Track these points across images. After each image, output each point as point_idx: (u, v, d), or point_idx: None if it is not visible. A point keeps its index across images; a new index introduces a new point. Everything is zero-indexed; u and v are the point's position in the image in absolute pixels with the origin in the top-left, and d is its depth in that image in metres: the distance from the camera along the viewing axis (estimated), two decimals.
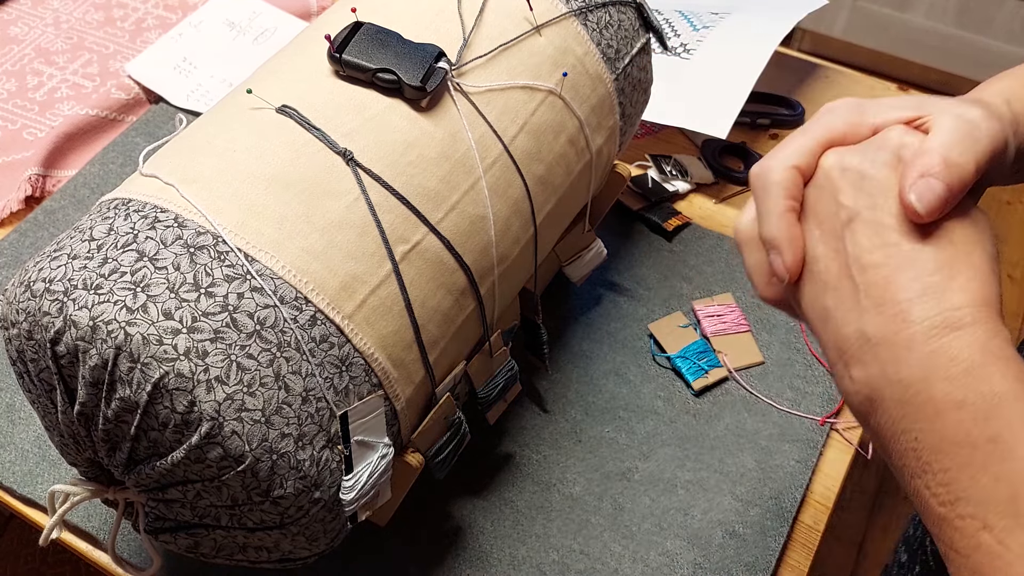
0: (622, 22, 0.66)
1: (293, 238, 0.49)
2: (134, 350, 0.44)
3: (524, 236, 0.60)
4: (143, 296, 0.45)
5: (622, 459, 0.70)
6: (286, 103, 0.54)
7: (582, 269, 0.74)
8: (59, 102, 0.95)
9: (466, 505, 0.67)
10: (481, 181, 0.56)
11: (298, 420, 0.47)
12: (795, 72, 1.03)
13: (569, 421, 0.72)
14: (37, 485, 0.67)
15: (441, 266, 0.54)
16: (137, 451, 0.48)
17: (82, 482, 0.54)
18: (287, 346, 0.47)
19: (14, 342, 0.49)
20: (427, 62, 0.55)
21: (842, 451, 0.71)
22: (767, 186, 0.40)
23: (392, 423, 0.53)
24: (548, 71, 0.61)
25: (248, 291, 0.47)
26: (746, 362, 0.75)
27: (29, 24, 1.03)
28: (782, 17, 0.93)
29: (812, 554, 0.67)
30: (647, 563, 0.64)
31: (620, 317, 0.79)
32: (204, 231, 0.48)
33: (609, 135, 0.67)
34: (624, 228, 0.86)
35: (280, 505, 0.47)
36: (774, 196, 0.39)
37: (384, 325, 0.51)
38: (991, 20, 1.93)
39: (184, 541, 0.52)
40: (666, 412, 0.73)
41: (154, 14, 1.05)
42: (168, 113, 0.94)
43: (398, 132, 0.54)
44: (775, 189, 0.40)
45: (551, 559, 0.65)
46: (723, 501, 0.67)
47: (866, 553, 1.45)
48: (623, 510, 0.67)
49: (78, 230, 0.50)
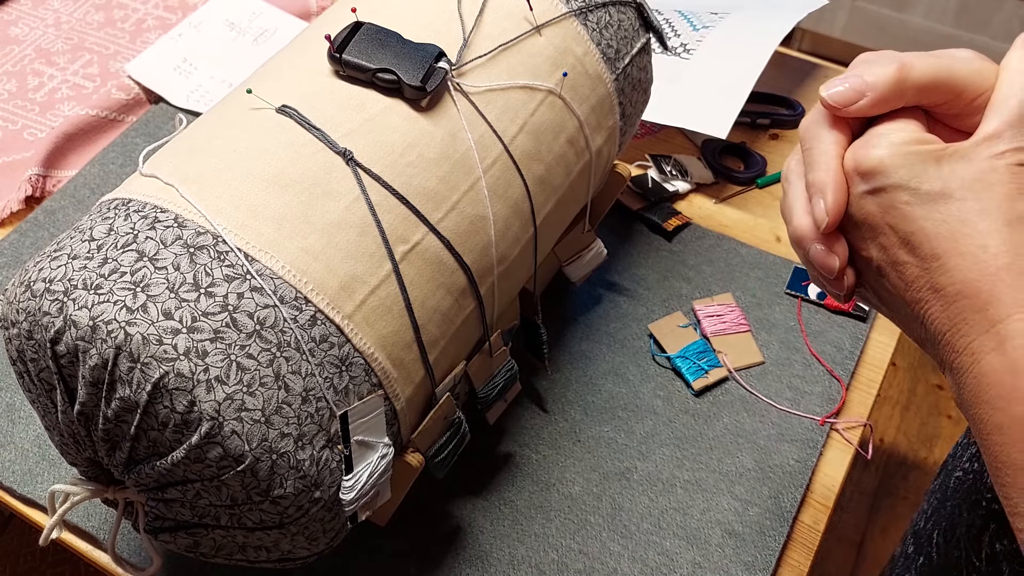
0: (622, 22, 0.66)
1: (293, 238, 0.49)
2: (134, 350, 0.44)
3: (524, 236, 0.60)
4: (143, 296, 0.45)
5: (621, 459, 0.70)
6: (286, 103, 0.54)
7: (582, 269, 0.74)
8: (59, 102, 0.95)
9: (465, 505, 0.67)
10: (481, 181, 0.56)
11: (298, 420, 0.47)
12: (795, 72, 1.03)
13: (568, 421, 0.72)
14: (37, 485, 0.67)
15: (441, 266, 0.54)
16: (137, 451, 0.48)
17: (82, 482, 0.54)
18: (287, 346, 0.47)
19: (14, 342, 0.49)
20: (427, 62, 0.55)
21: (842, 451, 0.71)
22: (819, 135, 0.41)
23: (392, 423, 0.53)
24: (548, 71, 0.61)
25: (248, 291, 0.47)
26: (746, 362, 0.75)
27: (30, 25, 1.03)
28: (782, 17, 0.93)
29: (812, 554, 0.67)
30: (646, 562, 0.65)
31: (620, 317, 0.79)
32: (204, 231, 0.48)
33: (609, 135, 0.67)
34: (624, 228, 0.86)
35: (280, 505, 0.47)
36: (826, 142, 0.41)
37: (384, 325, 0.51)
38: (990, 20, 1.93)
39: (184, 541, 0.52)
40: (665, 412, 0.73)
41: (154, 15, 1.05)
42: (168, 113, 0.94)
43: (398, 132, 0.54)
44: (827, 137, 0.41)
45: (550, 558, 0.65)
46: (722, 501, 0.68)
47: (866, 553, 1.45)
48: (622, 510, 0.67)
49: (78, 230, 0.50)
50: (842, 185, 0.40)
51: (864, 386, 0.75)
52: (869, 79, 0.39)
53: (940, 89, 0.40)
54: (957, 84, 0.40)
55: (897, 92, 0.39)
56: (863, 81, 0.39)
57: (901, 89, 0.39)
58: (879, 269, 0.40)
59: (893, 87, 0.39)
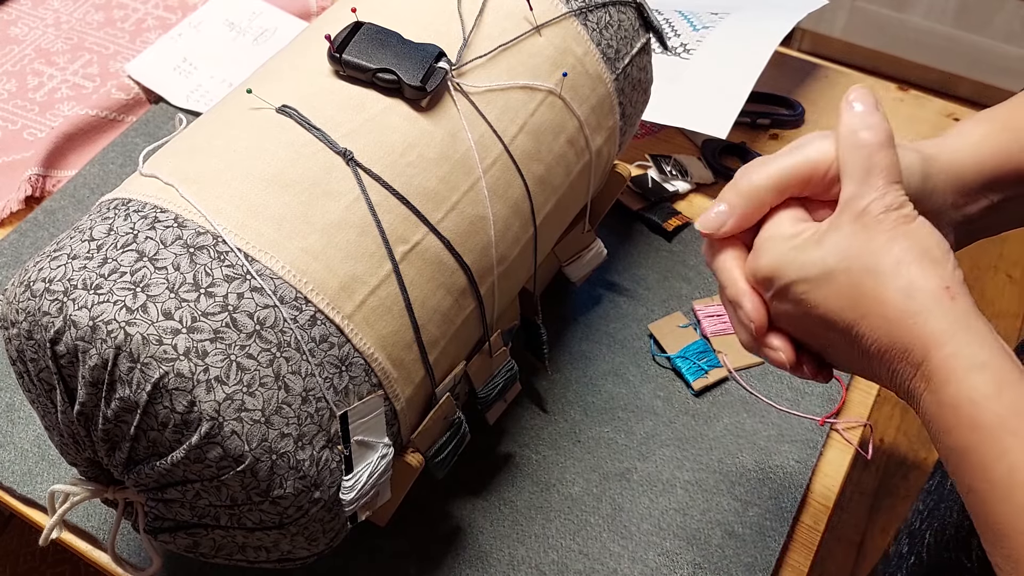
0: (622, 22, 0.66)
1: (293, 238, 0.49)
2: (134, 350, 0.44)
3: (524, 236, 0.60)
4: (143, 296, 0.45)
5: (621, 459, 0.70)
6: (286, 103, 0.54)
7: (582, 269, 0.74)
8: (59, 102, 0.95)
9: (465, 505, 0.67)
10: (481, 181, 0.56)
11: (298, 420, 0.47)
12: (795, 72, 1.03)
13: (568, 421, 0.72)
14: (37, 485, 0.67)
15: (441, 266, 0.54)
16: (137, 451, 0.48)
17: (82, 482, 0.54)
18: (287, 346, 0.47)
19: (14, 342, 0.49)
20: (427, 62, 0.55)
21: (842, 451, 0.71)
22: (719, 259, 0.46)
23: (392, 423, 0.53)
24: (548, 71, 0.61)
25: (248, 291, 0.47)
26: (746, 362, 0.75)
27: (29, 24, 1.03)
28: (782, 17, 0.93)
29: (812, 554, 0.67)
30: (646, 563, 0.64)
31: (620, 317, 0.79)
32: (204, 231, 0.48)
33: (609, 135, 0.67)
34: (624, 228, 0.86)
35: (279, 505, 0.47)
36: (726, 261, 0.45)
37: (384, 325, 0.51)
38: (990, 20, 1.93)
39: (183, 541, 0.52)
40: (665, 412, 0.73)
41: (154, 15, 1.05)
42: (168, 113, 0.94)
43: (398, 132, 0.54)
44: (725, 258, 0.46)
45: (550, 559, 0.65)
46: (722, 501, 0.68)
47: (866, 553, 1.45)
48: (622, 510, 0.67)
49: (78, 230, 0.50)
50: (752, 292, 0.43)
51: (864, 386, 0.75)
52: (726, 205, 0.44)
53: (790, 183, 0.43)
54: (802, 172, 0.43)
55: (754, 203, 0.43)
56: (723, 206, 0.44)
57: (757, 200, 0.43)
58: (823, 349, 0.43)
59: (747, 201, 0.43)
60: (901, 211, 0.39)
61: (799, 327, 0.43)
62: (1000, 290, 1.79)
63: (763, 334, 0.43)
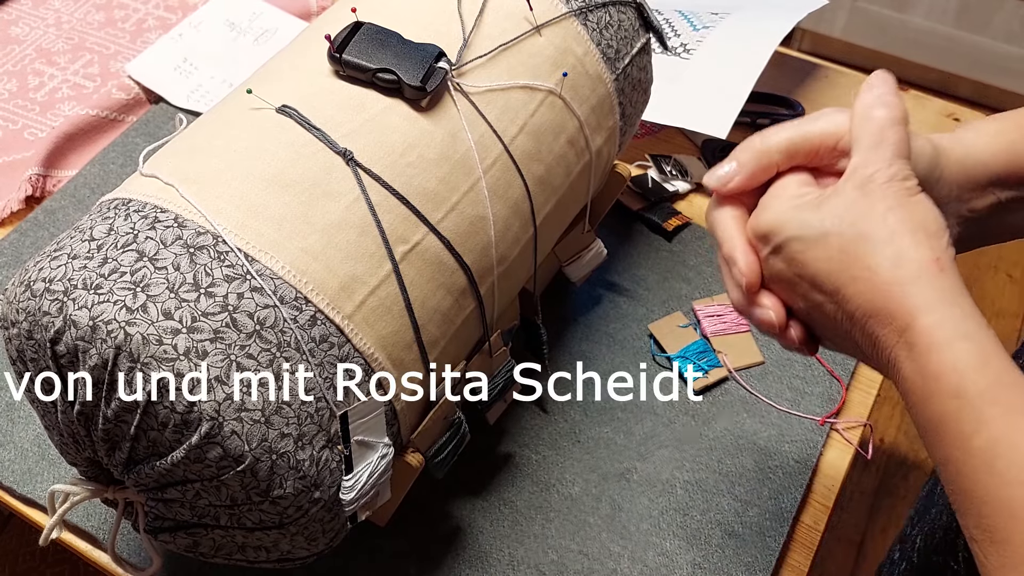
0: (622, 22, 0.66)
1: (293, 238, 0.49)
2: (134, 350, 0.44)
3: (524, 236, 0.60)
4: (143, 296, 0.45)
5: (620, 459, 0.70)
6: (286, 103, 0.54)
7: (582, 269, 0.74)
8: (60, 102, 0.95)
9: (465, 505, 0.67)
10: (481, 181, 0.56)
11: (298, 420, 0.47)
12: (795, 72, 1.03)
13: (568, 421, 0.72)
14: (37, 484, 0.67)
15: (441, 266, 0.54)
16: (137, 451, 0.48)
17: (82, 482, 0.54)
18: (287, 346, 0.47)
19: (14, 342, 0.49)
20: (427, 62, 0.55)
21: (842, 451, 0.71)
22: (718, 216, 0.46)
23: (392, 423, 0.53)
24: (548, 71, 0.61)
25: (248, 291, 0.47)
26: (746, 362, 0.75)
27: (30, 24, 1.03)
28: (782, 17, 0.93)
29: (812, 554, 0.67)
30: (645, 563, 0.64)
31: (620, 317, 0.79)
32: (204, 231, 0.48)
33: (609, 135, 0.67)
34: (624, 228, 0.86)
35: (279, 505, 0.47)
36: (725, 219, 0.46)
37: (384, 325, 0.51)
38: (991, 20, 1.93)
39: (183, 541, 0.52)
40: (665, 412, 0.73)
41: (155, 15, 1.05)
42: (168, 113, 0.94)
43: (398, 132, 0.54)
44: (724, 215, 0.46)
45: (549, 559, 0.65)
46: (722, 501, 0.68)
47: (866, 553, 1.45)
48: (621, 510, 0.67)
49: (78, 230, 0.50)
50: (748, 249, 0.44)
51: (864, 386, 0.75)
52: (736, 162, 0.45)
53: (801, 148, 0.44)
54: (813, 140, 0.44)
55: (764, 163, 0.44)
56: (733, 163, 0.45)
57: (767, 160, 0.44)
58: (809, 315, 0.43)
59: (757, 160, 0.44)
60: (905, 183, 0.40)
61: (789, 290, 0.43)
62: (1000, 290, 1.79)
63: (755, 291, 0.44)
